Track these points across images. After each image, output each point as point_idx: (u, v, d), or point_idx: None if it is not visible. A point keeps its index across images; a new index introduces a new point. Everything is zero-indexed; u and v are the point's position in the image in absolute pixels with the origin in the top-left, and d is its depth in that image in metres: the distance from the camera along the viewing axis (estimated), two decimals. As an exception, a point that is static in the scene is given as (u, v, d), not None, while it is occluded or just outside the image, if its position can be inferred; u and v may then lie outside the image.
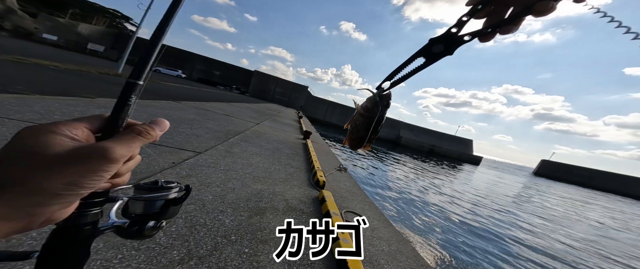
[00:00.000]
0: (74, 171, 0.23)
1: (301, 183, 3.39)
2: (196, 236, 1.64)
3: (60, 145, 0.24)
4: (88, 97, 4.85)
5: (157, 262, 1.31)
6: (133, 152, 0.30)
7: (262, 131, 7.16)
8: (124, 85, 0.33)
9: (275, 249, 1.75)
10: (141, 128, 0.32)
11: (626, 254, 8.11)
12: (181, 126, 4.62)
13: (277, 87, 49.17)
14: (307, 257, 1.79)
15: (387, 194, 8.92)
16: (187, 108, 7.29)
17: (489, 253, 5.65)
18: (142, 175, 2.23)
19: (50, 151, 0.23)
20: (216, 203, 2.17)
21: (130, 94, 0.33)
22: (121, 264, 1.21)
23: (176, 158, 2.94)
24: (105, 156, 0.25)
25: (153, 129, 0.33)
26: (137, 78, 0.34)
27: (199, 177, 2.60)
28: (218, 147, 3.99)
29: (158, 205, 0.40)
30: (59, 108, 3.63)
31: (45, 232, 1.31)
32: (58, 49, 23.06)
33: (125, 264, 1.22)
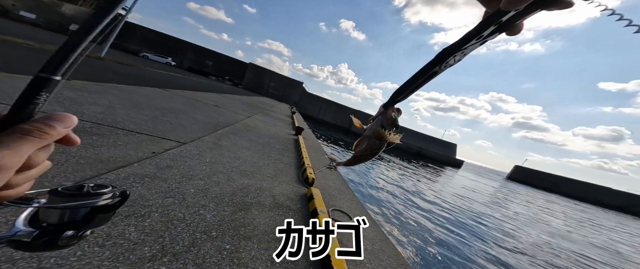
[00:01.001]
0: None
1: (290, 180, 3.29)
2: (173, 231, 1.52)
3: None
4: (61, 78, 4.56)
5: (125, 259, 1.19)
6: (23, 158, 0.24)
7: (253, 124, 6.98)
8: (32, 79, 0.26)
9: (259, 246, 1.66)
10: (30, 126, 0.25)
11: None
12: (167, 115, 4.42)
13: (271, 81, 48.56)
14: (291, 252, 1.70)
15: (373, 194, 9.01)
16: (175, 96, 7.01)
17: (460, 249, 6.13)
18: (117, 164, 2.07)
19: None
20: (198, 196, 2.04)
21: (39, 91, 0.26)
22: (80, 262, 1.08)
23: (157, 147, 2.77)
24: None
25: (50, 126, 0.26)
26: (53, 72, 0.27)
27: (181, 169, 2.45)
28: (205, 139, 3.82)
29: (81, 213, 0.34)
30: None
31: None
32: (37, 28, 21.82)
33: (85, 261, 1.09)
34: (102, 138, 2.51)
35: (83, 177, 1.74)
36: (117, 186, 0.38)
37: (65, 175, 1.70)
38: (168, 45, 44.85)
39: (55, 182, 1.59)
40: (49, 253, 1.12)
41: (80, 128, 2.57)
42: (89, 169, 1.87)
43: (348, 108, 51.22)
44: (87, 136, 2.45)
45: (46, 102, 0.27)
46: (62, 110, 2.62)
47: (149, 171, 2.16)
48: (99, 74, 6.56)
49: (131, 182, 1.89)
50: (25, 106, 0.26)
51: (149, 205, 1.69)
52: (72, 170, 1.78)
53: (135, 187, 1.84)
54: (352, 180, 9.69)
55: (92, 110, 3.31)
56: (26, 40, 8.65)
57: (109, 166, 2.02)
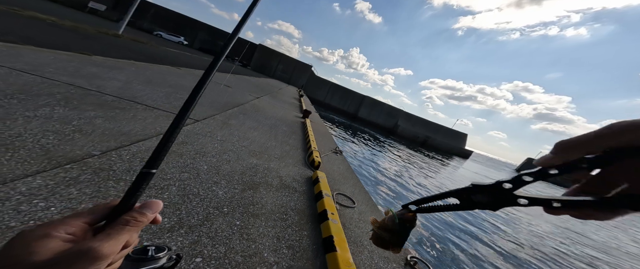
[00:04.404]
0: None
1: (296, 162, 3.41)
2: (188, 205, 1.66)
3: (50, 250, 0.24)
4: (84, 54, 4.68)
5: (147, 228, 1.32)
6: (121, 244, 0.30)
7: (261, 106, 7.07)
8: (138, 175, 0.34)
9: (267, 224, 1.79)
10: (129, 217, 0.31)
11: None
12: (179, 92, 4.53)
13: (280, 64, 48.11)
14: (296, 231, 1.83)
15: (376, 179, 9.14)
16: (186, 75, 7.11)
17: (457, 236, 6.19)
18: (138, 137, 2.20)
19: (35, 259, 0.24)
20: (211, 173, 2.17)
21: (141, 184, 0.33)
22: None
23: (173, 124, 2.90)
24: (91, 257, 0.25)
25: (143, 215, 0.32)
26: (151, 167, 0.34)
27: (195, 145, 2.58)
28: (216, 117, 3.94)
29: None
30: (54, 62, 3.50)
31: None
32: (56, 4, 21.90)
33: None
34: (123, 111, 2.65)
35: (108, 147, 1.88)
36: (172, 249, 0.43)
37: (93, 144, 1.84)
38: (180, 24, 44.46)
39: (85, 151, 1.73)
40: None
41: (103, 101, 2.71)
42: (113, 141, 2.01)
43: (356, 94, 50.59)
44: (110, 109, 2.58)
45: (143, 190, 0.34)
46: (86, 83, 2.74)
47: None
48: (117, 51, 6.68)
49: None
50: (132, 196, 0.32)
51: (168, 178, 1.83)
52: (98, 140, 1.92)
53: (154, 161, 1.98)
54: (357, 165, 9.84)
55: (113, 84, 3.44)
56: (49, 16, 8.79)
57: (130, 138, 2.16)
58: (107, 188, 1.49)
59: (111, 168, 1.68)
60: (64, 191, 1.34)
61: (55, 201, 1.25)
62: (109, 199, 0.42)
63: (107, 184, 1.52)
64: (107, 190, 1.47)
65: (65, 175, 1.45)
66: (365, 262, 1.89)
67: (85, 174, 1.53)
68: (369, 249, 2.07)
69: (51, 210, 1.20)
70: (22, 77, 2.58)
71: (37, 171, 1.39)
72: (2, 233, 1.02)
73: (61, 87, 2.67)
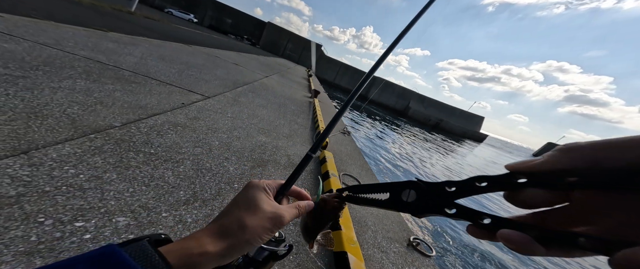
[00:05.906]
0: (268, 225, 0.33)
1: (304, 141, 3.48)
2: (202, 179, 1.75)
3: (267, 202, 0.34)
4: (101, 30, 4.75)
5: (165, 200, 1.42)
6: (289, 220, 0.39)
7: (270, 85, 7.08)
8: (304, 157, 0.43)
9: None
10: (302, 205, 0.40)
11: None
12: (191, 69, 4.59)
13: (289, 43, 47.16)
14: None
15: (382, 160, 9.20)
16: (196, 52, 7.13)
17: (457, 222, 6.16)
18: (154, 111, 2.30)
19: (261, 205, 0.33)
20: (222, 149, 2.27)
21: (305, 165, 0.41)
22: (132, 198, 1.33)
23: (185, 99, 2.99)
24: (282, 222, 0.34)
25: (304, 208, 0.40)
26: (314, 152, 0.42)
27: (207, 121, 2.68)
28: (226, 94, 4.01)
29: (263, 255, 0.41)
30: (73, 37, 3.59)
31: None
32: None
33: (136, 198, 1.34)
34: (140, 86, 2.75)
35: (128, 119, 1.99)
36: (285, 239, 0.44)
37: (113, 116, 1.96)
38: (190, 1, 43.75)
39: (107, 122, 1.85)
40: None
41: (121, 75, 2.82)
42: (132, 113, 2.11)
43: (364, 73, 49.66)
44: (128, 83, 2.69)
45: (302, 170, 0.42)
46: (104, 58, 2.83)
47: (180, 120, 2.40)
48: (131, 28, 6.73)
49: (167, 129, 2.13)
50: (295, 177, 0.39)
51: (182, 152, 1.94)
52: (118, 112, 2.04)
53: (170, 134, 2.08)
54: (363, 146, 9.89)
55: (129, 60, 3.54)
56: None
57: (147, 111, 2.26)
58: (128, 158, 1.60)
59: (131, 139, 1.79)
60: (90, 159, 1.45)
61: (83, 169, 1.36)
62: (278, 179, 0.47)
63: (128, 155, 1.63)
64: (128, 160, 1.58)
65: (90, 144, 1.57)
66: (368, 241, 1.98)
67: (108, 144, 1.64)
68: (373, 229, 2.16)
69: (80, 177, 1.31)
70: (45, 50, 2.69)
71: (66, 139, 1.51)
72: (39, 197, 1.11)
73: (81, 61, 2.77)
